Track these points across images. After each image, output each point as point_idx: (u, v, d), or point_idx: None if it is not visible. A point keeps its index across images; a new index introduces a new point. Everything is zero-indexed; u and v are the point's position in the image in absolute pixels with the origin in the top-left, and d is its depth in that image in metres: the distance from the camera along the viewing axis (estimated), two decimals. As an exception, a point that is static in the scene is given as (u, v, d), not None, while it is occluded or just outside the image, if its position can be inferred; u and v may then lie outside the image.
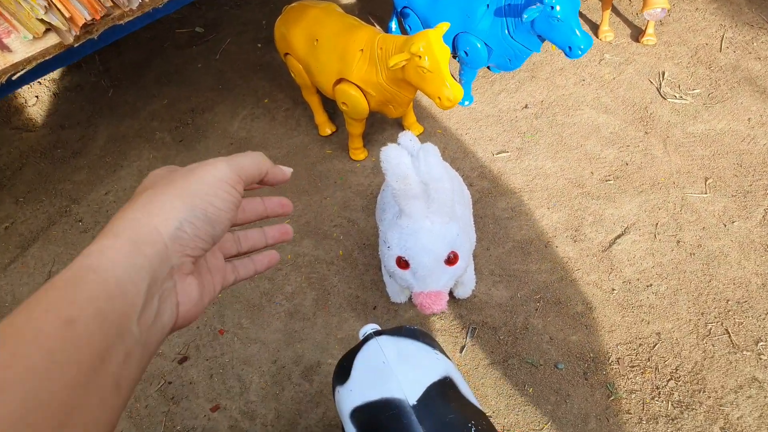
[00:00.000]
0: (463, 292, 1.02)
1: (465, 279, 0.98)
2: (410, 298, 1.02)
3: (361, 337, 0.74)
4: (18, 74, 0.80)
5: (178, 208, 0.39)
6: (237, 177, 0.45)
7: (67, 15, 0.77)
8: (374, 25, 1.61)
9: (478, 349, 0.98)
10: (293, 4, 1.22)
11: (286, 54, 1.23)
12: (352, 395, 0.66)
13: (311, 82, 1.23)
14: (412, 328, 0.73)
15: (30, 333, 0.30)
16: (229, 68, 1.63)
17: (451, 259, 0.77)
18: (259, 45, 1.68)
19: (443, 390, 0.65)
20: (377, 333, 0.71)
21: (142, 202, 0.38)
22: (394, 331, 0.72)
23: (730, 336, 0.94)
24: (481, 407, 0.68)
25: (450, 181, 0.75)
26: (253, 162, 0.47)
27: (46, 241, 1.26)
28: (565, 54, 1.08)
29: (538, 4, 1.09)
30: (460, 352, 0.98)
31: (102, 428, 0.32)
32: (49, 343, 0.30)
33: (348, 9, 1.66)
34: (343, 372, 0.69)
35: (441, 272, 0.78)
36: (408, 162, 0.73)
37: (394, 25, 1.53)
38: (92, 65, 1.70)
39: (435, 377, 0.66)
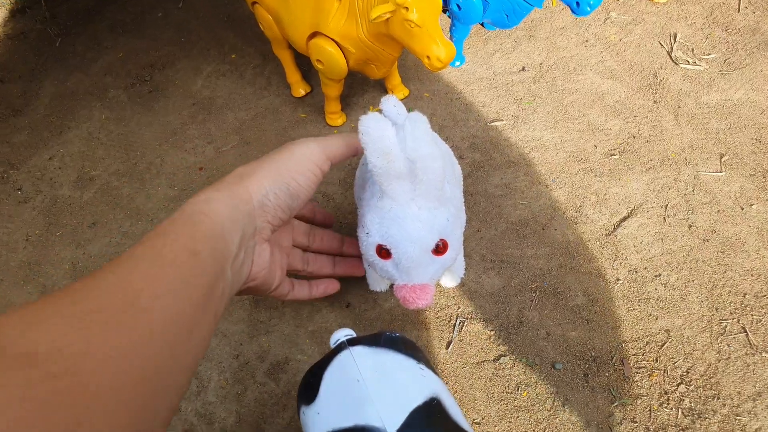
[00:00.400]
0: (451, 280, 0.93)
1: (453, 265, 0.88)
2: (392, 287, 0.92)
3: (332, 345, 0.64)
4: None
5: (268, 179, 0.48)
6: (325, 158, 0.58)
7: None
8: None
9: (466, 345, 0.89)
10: (262, -54, 1.09)
11: (254, 2, 1.10)
12: (320, 420, 0.56)
13: (282, 35, 1.11)
14: (393, 335, 0.63)
15: (168, 256, 0.36)
16: (193, 18, 1.49)
17: (440, 249, 0.67)
18: (227, -8, 1.54)
19: (429, 415, 0.56)
20: (351, 341, 0.62)
21: (239, 171, 0.48)
22: (371, 340, 0.62)
23: (747, 335, 0.86)
24: (471, 430, 0.59)
25: (441, 158, 0.64)
26: (343, 143, 0.61)
27: (-20, 212, 1.14)
28: (572, 10, 0.97)
29: (543, -48, 0.98)
30: (446, 348, 0.89)
31: (204, 348, 0.39)
32: (183, 267, 0.36)
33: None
34: (309, 390, 0.60)
35: (428, 263, 0.68)
36: (391, 135, 0.62)
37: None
38: (37, 10, 1.55)
39: (419, 399, 0.56)
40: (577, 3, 0.95)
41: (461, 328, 0.91)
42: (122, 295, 0.32)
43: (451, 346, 0.89)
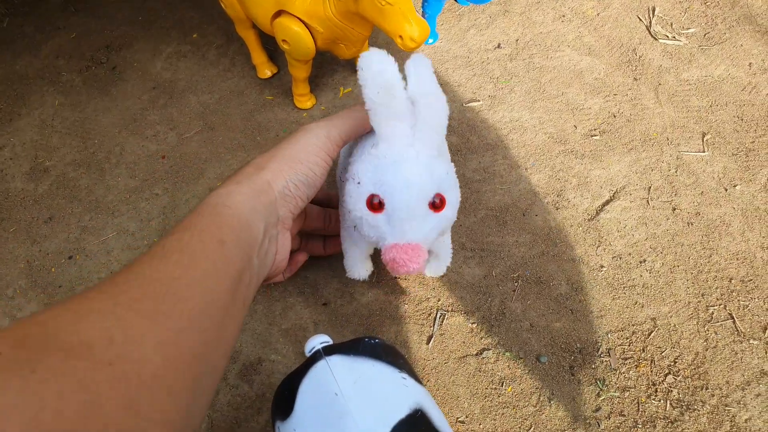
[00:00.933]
0: (437, 268, 0.87)
1: (440, 250, 0.80)
2: (372, 276, 0.88)
3: (307, 353, 0.59)
4: None
5: (285, 170, 0.49)
6: (333, 146, 0.57)
7: None
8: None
9: (447, 339, 0.86)
10: None
11: (215, -21, 1.03)
12: (297, 438, 0.52)
13: (245, 14, 1.04)
14: (373, 342, 0.59)
15: (198, 246, 0.38)
16: (150, -5, 1.41)
17: (437, 204, 0.60)
18: (186, -33, 1.45)
19: (413, 428, 0.52)
20: (328, 350, 0.57)
21: (255, 163, 0.49)
22: (349, 348, 0.58)
23: (734, 321, 0.84)
24: (458, 438, 0.55)
25: (444, 101, 0.59)
26: (350, 122, 0.59)
27: (-75, 208, 1.06)
28: (550, -15, 0.93)
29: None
30: (427, 343, 0.85)
31: (235, 336, 0.40)
32: (212, 257, 0.38)
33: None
34: (284, 403, 0.55)
35: (423, 217, 0.60)
36: (393, 70, 0.56)
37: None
38: (-18, -11, 1.45)
39: (403, 412, 0.52)
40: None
41: (442, 322, 0.87)
42: (159, 285, 0.34)
43: (431, 341, 0.86)
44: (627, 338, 0.84)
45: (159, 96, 1.20)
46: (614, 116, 1.08)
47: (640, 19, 1.23)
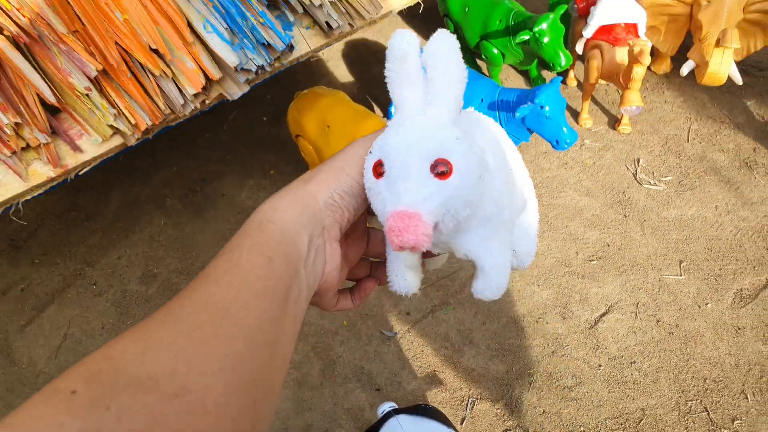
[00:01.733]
0: (484, 286, 0.39)
1: (485, 260, 0.40)
2: (414, 294, 1.00)
3: (379, 415, 0.76)
4: (83, 170, 0.86)
5: (330, 181, 0.43)
6: None
7: (132, 121, 0.82)
8: (374, 108, 1.67)
9: (477, 421, 1.01)
10: (305, 92, 1.28)
11: (298, 136, 1.27)
12: (376, 476, 0.68)
13: (320, 161, 1.28)
14: (428, 406, 0.75)
15: (246, 266, 0.35)
16: (236, 139, 1.67)
17: (441, 170, 0.40)
18: (265, 119, 1.73)
19: (460, 472, 0.67)
20: (396, 411, 0.74)
21: (302, 177, 0.43)
22: (411, 410, 0.74)
23: (708, 414, 0.98)
24: (491, 487, 0.70)
25: (462, 68, 0.41)
26: None
27: (61, 303, 1.26)
28: (552, 146, 1.15)
29: (529, 103, 1.16)
30: (461, 423, 1.00)
31: (289, 353, 0.37)
32: (262, 275, 0.35)
33: (348, 88, 1.72)
34: (366, 451, 0.72)
35: (422, 179, 0.42)
36: (414, 42, 0.45)
37: (393, 110, 1.59)
38: (106, 132, 1.72)
39: (453, 459, 0.68)
40: (557, 141, 1.13)
41: (472, 407, 1.02)
42: (214, 309, 0.33)
43: (464, 422, 1.00)
44: (621, 424, 0.99)
45: (244, 220, 1.42)
46: (608, 245, 1.27)
47: (628, 168, 1.45)
